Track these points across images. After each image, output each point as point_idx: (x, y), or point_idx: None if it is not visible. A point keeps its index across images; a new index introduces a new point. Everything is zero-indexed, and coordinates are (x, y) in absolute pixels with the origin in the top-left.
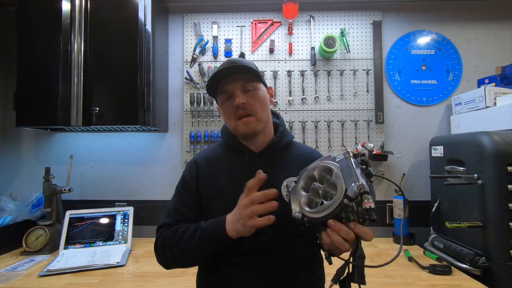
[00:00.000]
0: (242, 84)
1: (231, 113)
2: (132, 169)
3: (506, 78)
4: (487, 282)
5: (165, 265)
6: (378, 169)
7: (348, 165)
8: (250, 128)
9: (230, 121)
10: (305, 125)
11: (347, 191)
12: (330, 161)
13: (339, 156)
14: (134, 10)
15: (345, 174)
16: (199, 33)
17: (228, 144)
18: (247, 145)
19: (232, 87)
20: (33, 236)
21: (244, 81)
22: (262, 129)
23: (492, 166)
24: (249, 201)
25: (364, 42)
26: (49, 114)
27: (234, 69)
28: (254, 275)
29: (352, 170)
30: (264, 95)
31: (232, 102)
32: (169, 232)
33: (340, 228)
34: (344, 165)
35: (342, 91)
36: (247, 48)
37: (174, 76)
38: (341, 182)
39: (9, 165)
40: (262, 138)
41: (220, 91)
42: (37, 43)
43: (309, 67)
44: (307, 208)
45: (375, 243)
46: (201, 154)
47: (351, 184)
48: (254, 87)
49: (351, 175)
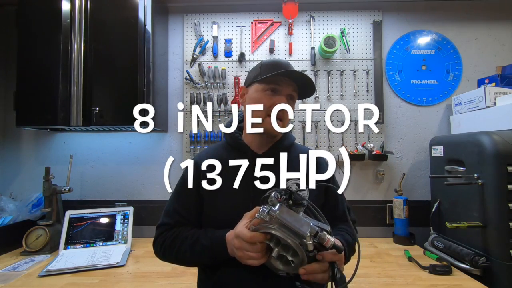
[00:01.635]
0: (292, 90)
1: (266, 106)
2: (132, 169)
3: (506, 78)
4: (487, 282)
5: (162, 260)
6: (378, 169)
7: (280, 221)
8: (276, 131)
9: (260, 112)
10: (305, 125)
11: (303, 246)
12: (265, 224)
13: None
14: (134, 10)
15: (286, 231)
16: (199, 33)
17: (230, 145)
18: (252, 145)
19: (286, 89)
20: (33, 236)
21: (294, 89)
22: (280, 135)
23: (492, 166)
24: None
25: (364, 42)
26: (49, 114)
27: (298, 76)
28: (255, 275)
29: (290, 224)
30: (294, 107)
31: (274, 97)
32: (169, 236)
33: (314, 270)
34: (278, 223)
35: (342, 91)
36: (247, 48)
37: (174, 76)
38: (292, 242)
39: (9, 165)
40: (271, 140)
41: (270, 81)
42: (37, 43)
43: (309, 67)
44: (282, 267)
45: (375, 243)
46: (201, 154)
47: (301, 239)
48: (294, 98)
49: (292, 230)
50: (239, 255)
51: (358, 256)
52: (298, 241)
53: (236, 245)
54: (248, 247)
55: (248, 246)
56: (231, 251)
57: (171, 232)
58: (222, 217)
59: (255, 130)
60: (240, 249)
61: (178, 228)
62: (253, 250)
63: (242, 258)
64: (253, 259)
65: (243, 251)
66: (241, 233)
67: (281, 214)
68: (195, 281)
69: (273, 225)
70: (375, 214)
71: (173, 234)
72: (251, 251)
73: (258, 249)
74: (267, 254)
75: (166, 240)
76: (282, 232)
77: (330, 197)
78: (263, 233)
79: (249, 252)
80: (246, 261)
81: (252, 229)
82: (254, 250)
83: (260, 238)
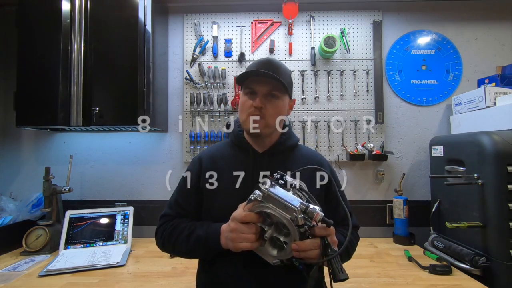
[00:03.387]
0: (268, 89)
1: (247, 107)
2: (132, 169)
3: (506, 78)
4: (487, 282)
5: (162, 250)
6: (378, 169)
7: (272, 198)
8: (256, 129)
9: (243, 114)
10: (305, 125)
11: (294, 221)
12: (258, 204)
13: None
14: (134, 10)
15: (277, 207)
16: (199, 33)
17: (234, 143)
18: (253, 144)
19: (259, 88)
20: (33, 236)
21: (271, 87)
22: (268, 134)
23: (492, 166)
24: (236, 227)
25: (364, 42)
26: (49, 114)
27: (267, 75)
28: (251, 270)
29: (281, 200)
30: (282, 105)
31: (252, 98)
32: (169, 227)
33: (306, 246)
34: (270, 201)
35: (342, 91)
36: (247, 48)
37: (174, 76)
38: (283, 217)
39: (9, 165)
40: (268, 140)
41: (247, 85)
42: (37, 43)
43: (309, 67)
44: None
45: (375, 243)
46: (207, 151)
47: (292, 213)
48: (277, 96)
49: (282, 205)
50: (233, 237)
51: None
52: (289, 216)
53: (231, 227)
54: (243, 228)
55: (243, 227)
56: (224, 241)
57: (171, 223)
58: (221, 212)
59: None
60: (234, 231)
61: (178, 219)
62: (248, 231)
63: (235, 241)
64: (247, 240)
65: (237, 233)
66: (236, 214)
67: (272, 190)
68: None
69: (265, 204)
70: (375, 214)
71: (172, 224)
72: (245, 232)
73: (252, 230)
74: (261, 240)
75: (166, 230)
76: (274, 209)
77: (330, 200)
78: (257, 213)
79: (244, 234)
80: (239, 244)
81: (247, 211)
82: (248, 231)
83: (254, 217)
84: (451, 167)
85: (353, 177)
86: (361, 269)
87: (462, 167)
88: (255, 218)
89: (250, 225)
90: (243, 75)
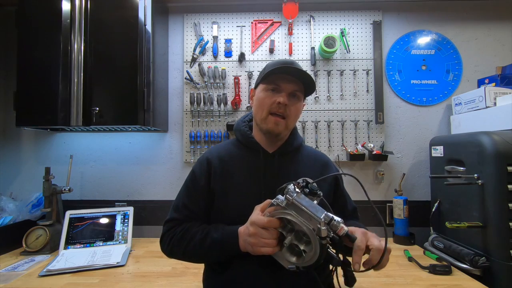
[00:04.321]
0: (294, 89)
1: (267, 104)
2: (132, 169)
3: (506, 78)
4: (487, 282)
5: (169, 256)
6: (378, 169)
7: (296, 207)
8: (278, 129)
9: (262, 111)
10: (305, 125)
11: (316, 232)
12: (280, 210)
13: (279, 200)
14: (134, 10)
15: (301, 217)
16: (199, 33)
17: (242, 143)
18: (262, 144)
19: (286, 86)
20: (33, 236)
21: (297, 87)
22: (285, 135)
23: (492, 166)
24: (256, 232)
25: (364, 42)
26: (49, 114)
27: (298, 73)
28: (264, 271)
29: (306, 210)
30: (300, 108)
31: (275, 96)
32: (178, 231)
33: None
34: (294, 209)
35: (342, 91)
36: (247, 48)
37: (174, 76)
38: (306, 227)
39: (9, 165)
40: (279, 141)
41: (271, 81)
42: (37, 43)
43: (309, 67)
44: (294, 259)
45: None
46: (213, 151)
47: (316, 225)
48: (299, 97)
49: (307, 216)
50: (253, 242)
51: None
52: (312, 227)
53: (251, 231)
54: (264, 233)
55: (264, 232)
56: (243, 244)
57: (180, 228)
58: (234, 213)
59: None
60: (254, 236)
61: (187, 223)
62: (268, 237)
63: (255, 246)
64: (267, 246)
65: (257, 238)
66: (257, 219)
67: (297, 199)
68: (195, 281)
69: (288, 211)
70: (375, 214)
71: (182, 229)
72: (266, 237)
73: (273, 235)
74: (280, 245)
75: (175, 236)
76: (297, 217)
77: (339, 196)
78: (278, 218)
79: (264, 239)
80: (259, 249)
81: (268, 215)
82: (269, 236)
83: (276, 223)
84: (451, 167)
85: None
86: None
87: (462, 167)
88: (278, 223)
89: (270, 230)
90: (274, 69)
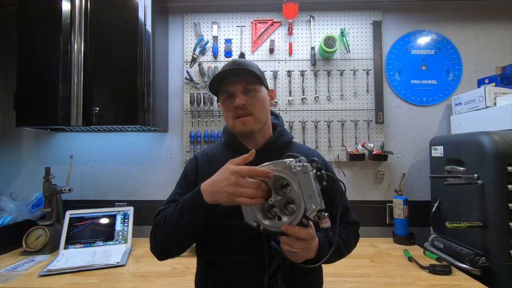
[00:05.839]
0: (243, 86)
1: (231, 112)
2: (132, 169)
3: (506, 78)
4: (487, 282)
5: (157, 252)
6: (378, 169)
7: (306, 180)
8: (248, 127)
9: (229, 119)
10: (305, 125)
11: (306, 211)
12: (287, 171)
13: (297, 166)
14: (134, 10)
15: (304, 190)
16: (199, 33)
17: (227, 143)
18: (245, 143)
19: (234, 88)
20: (33, 236)
21: (246, 83)
22: (260, 129)
23: (492, 166)
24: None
25: (364, 42)
26: (49, 114)
27: (236, 71)
28: (252, 274)
29: (311, 188)
30: (264, 97)
31: (232, 102)
32: (160, 216)
33: (295, 233)
34: (302, 180)
35: (342, 91)
36: (247, 48)
37: (174, 76)
38: (301, 201)
39: (9, 165)
40: (260, 138)
41: (222, 90)
42: (37, 43)
43: (309, 67)
44: (262, 220)
45: (375, 243)
46: (202, 151)
47: (311, 205)
48: (255, 89)
49: (310, 193)
50: (232, 191)
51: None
52: (305, 204)
53: (231, 181)
54: (249, 183)
55: (249, 182)
56: (212, 195)
57: (162, 212)
58: (219, 208)
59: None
60: (234, 185)
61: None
62: (253, 187)
63: (234, 195)
64: (248, 196)
65: (236, 187)
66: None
67: (312, 174)
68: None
69: (294, 176)
70: (375, 214)
71: (164, 212)
72: (249, 187)
73: (261, 187)
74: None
75: (159, 220)
76: (298, 188)
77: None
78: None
79: (245, 189)
80: (238, 199)
81: (270, 169)
82: (253, 186)
83: (270, 175)
84: (451, 167)
85: (353, 177)
86: (361, 269)
87: (462, 167)
88: (271, 175)
89: (258, 181)
90: (215, 80)
